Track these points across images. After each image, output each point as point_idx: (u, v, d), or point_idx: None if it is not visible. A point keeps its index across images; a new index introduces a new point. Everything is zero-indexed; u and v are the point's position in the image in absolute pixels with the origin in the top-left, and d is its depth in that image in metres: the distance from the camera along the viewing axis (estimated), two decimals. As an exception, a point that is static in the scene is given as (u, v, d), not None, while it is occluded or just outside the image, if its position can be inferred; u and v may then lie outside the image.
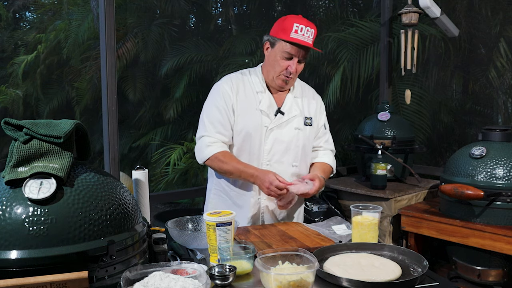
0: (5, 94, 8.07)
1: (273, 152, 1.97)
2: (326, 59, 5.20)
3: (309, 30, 1.88)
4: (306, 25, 1.88)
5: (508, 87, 4.37)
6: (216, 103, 1.97)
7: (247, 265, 1.34)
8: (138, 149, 7.23)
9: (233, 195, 2.02)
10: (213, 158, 1.93)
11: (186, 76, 6.66)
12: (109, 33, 2.31)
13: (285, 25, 1.89)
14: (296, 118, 2.02)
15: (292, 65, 1.91)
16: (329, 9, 6.33)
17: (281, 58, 1.92)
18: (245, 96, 1.98)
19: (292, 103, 2.03)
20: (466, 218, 2.31)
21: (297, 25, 1.87)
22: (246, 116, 1.96)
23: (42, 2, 9.00)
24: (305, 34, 1.88)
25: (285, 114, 1.99)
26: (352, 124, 5.11)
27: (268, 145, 1.96)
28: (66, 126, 1.20)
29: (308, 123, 2.05)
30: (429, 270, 1.32)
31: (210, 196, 2.11)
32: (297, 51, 1.89)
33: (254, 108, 1.97)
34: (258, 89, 2.00)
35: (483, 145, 2.34)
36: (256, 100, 1.98)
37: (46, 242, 1.05)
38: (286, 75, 1.94)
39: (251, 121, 1.95)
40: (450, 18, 3.12)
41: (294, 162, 2.01)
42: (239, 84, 2.00)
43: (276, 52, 1.93)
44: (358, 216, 1.60)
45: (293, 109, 2.02)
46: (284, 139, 1.98)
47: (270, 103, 1.99)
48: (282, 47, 1.91)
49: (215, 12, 7.91)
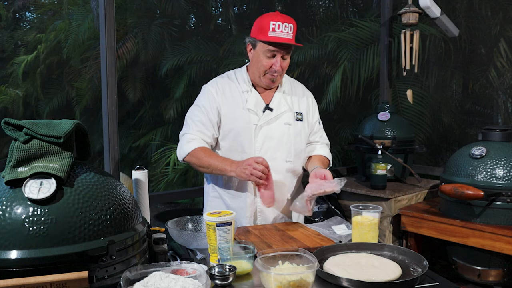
0: (5, 94, 8.07)
1: (265, 149, 1.97)
2: (326, 59, 5.20)
3: (287, 25, 1.87)
4: (283, 21, 1.86)
5: (508, 87, 4.37)
6: (200, 104, 2.00)
7: (247, 265, 1.34)
8: (138, 149, 7.22)
9: (228, 198, 2.01)
10: (192, 153, 1.93)
11: (186, 76, 6.66)
12: (109, 33, 2.31)
13: (262, 24, 1.89)
14: (285, 114, 2.02)
15: (276, 63, 1.91)
16: (329, 9, 6.33)
17: (264, 57, 1.92)
18: (231, 96, 1.99)
19: (281, 99, 2.03)
20: (466, 218, 2.31)
21: (274, 23, 1.86)
22: (233, 116, 1.97)
23: (42, 2, 9.00)
24: (284, 30, 1.86)
25: (273, 110, 2.00)
26: (352, 124, 5.11)
27: (259, 142, 1.96)
28: (66, 126, 1.20)
29: (299, 118, 2.04)
30: (429, 270, 1.32)
31: (209, 199, 2.11)
32: (277, 49, 1.89)
33: (241, 107, 1.98)
34: (244, 88, 2.01)
35: (483, 145, 2.34)
36: (242, 100, 1.99)
37: (46, 242, 1.05)
38: (272, 73, 1.94)
39: (239, 120, 1.96)
40: (450, 18, 3.12)
41: (288, 158, 2.01)
42: (225, 86, 2.02)
43: (259, 53, 1.93)
44: (358, 216, 1.60)
45: (282, 105, 2.02)
46: (274, 135, 1.98)
47: (257, 101, 2.00)
48: (263, 47, 1.90)
49: (215, 12, 7.91)
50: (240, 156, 1.95)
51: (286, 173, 2.01)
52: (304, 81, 2.17)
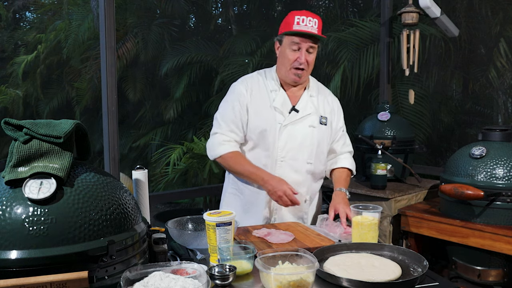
0: (5, 94, 8.07)
1: (287, 149, 1.99)
2: (326, 59, 5.20)
3: (311, 20, 1.93)
4: (307, 16, 1.93)
5: (508, 87, 4.37)
6: (231, 103, 2.03)
7: (247, 265, 1.34)
8: (138, 149, 7.23)
9: (248, 193, 2.03)
10: (225, 157, 1.97)
11: (186, 76, 6.67)
12: (109, 33, 2.31)
13: (288, 20, 1.97)
14: (310, 116, 2.04)
15: (301, 56, 1.95)
16: (329, 9, 6.33)
17: (289, 51, 1.96)
18: (259, 95, 2.02)
19: (307, 101, 2.05)
20: (466, 218, 2.31)
21: (298, 17, 1.93)
22: (260, 113, 2.00)
23: (42, 2, 9.00)
24: (308, 24, 1.92)
25: (299, 112, 2.02)
26: (352, 124, 5.10)
27: (282, 141, 1.98)
28: (66, 126, 1.20)
29: (323, 122, 2.07)
30: (429, 270, 1.32)
31: (226, 195, 2.14)
32: (302, 40, 1.94)
33: (268, 105, 2.01)
34: (272, 87, 2.04)
35: (483, 145, 2.34)
36: (270, 98, 2.02)
37: (46, 242, 1.05)
38: (297, 66, 1.97)
39: (265, 118, 1.99)
40: (450, 18, 3.12)
41: (309, 159, 2.02)
42: (254, 84, 2.05)
43: (285, 47, 1.98)
44: (358, 216, 1.60)
45: (308, 107, 2.04)
46: (298, 136, 2.00)
47: (284, 101, 2.02)
48: (288, 40, 1.96)
49: (215, 12, 7.92)
50: (263, 153, 2.00)
51: (306, 174, 2.03)
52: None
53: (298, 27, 1.92)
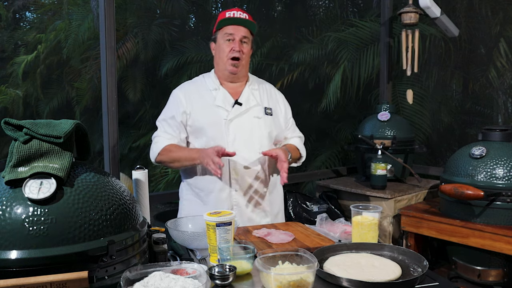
0: (5, 94, 8.06)
1: (238, 142, 2.01)
2: (326, 59, 5.20)
3: (241, 14, 2.03)
4: (237, 10, 2.05)
5: (508, 87, 4.37)
6: (167, 107, 2.10)
7: (247, 265, 1.34)
8: (138, 149, 7.22)
9: (203, 195, 2.04)
10: (161, 152, 2.01)
11: (186, 76, 6.65)
12: (109, 33, 2.31)
13: (220, 17, 2.06)
14: (255, 108, 2.08)
15: (235, 45, 2.00)
16: (329, 9, 6.32)
17: (224, 43, 2.03)
18: (199, 97, 2.06)
19: (249, 94, 2.10)
20: (466, 218, 2.31)
21: (228, 13, 2.04)
22: (202, 113, 2.03)
23: (42, 2, 9.00)
24: (239, 16, 2.03)
25: (242, 105, 2.05)
26: (352, 124, 5.10)
27: (231, 136, 2.01)
28: (66, 126, 1.20)
29: (269, 112, 2.10)
30: (429, 270, 1.32)
31: (183, 203, 2.13)
32: (235, 29, 2.01)
33: (210, 104, 2.04)
34: (212, 87, 2.08)
35: (483, 145, 2.34)
36: (211, 98, 2.06)
37: (46, 242, 1.05)
38: (233, 56, 2.01)
39: (208, 117, 2.02)
40: (450, 18, 3.12)
41: (260, 149, 2.03)
42: (192, 88, 2.10)
43: (219, 42, 2.05)
44: (358, 216, 1.60)
45: (251, 100, 2.09)
46: (245, 128, 2.03)
47: (225, 97, 2.06)
48: (222, 34, 2.03)
49: (215, 12, 7.91)
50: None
51: (260, 164, 2.04)
52: (304, 81, 2.19)
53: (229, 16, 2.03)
